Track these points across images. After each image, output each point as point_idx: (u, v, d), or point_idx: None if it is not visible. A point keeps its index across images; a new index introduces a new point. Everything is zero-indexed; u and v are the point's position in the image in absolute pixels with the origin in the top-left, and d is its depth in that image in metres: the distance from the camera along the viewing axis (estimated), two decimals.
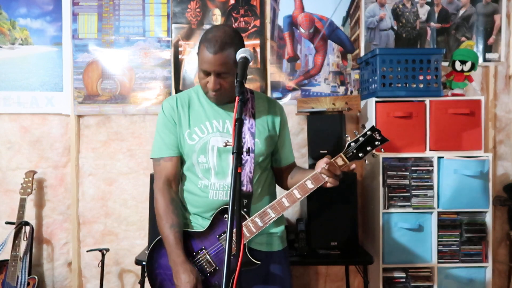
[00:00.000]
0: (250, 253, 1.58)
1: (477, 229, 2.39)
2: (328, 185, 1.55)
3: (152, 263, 1.66)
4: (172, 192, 1.65)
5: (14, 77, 2.76)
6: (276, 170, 1.79)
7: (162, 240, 1.60)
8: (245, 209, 1.58)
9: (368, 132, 1.53)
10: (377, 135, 1.53)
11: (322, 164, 1.53)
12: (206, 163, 1.61)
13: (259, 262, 1.57)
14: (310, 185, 1.56)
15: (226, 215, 1.58)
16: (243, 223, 1.56)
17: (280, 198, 1.57)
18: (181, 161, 1.68)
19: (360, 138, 1.53)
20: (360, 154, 1.53)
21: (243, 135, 1.59)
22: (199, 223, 1.66)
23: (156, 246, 1.66)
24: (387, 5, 2.77)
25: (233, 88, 1.48)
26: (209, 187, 1.61)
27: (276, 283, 1.68)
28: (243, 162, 1.59)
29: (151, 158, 1.68)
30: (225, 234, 1.59)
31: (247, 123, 1.63)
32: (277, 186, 1.82)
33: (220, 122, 1.63)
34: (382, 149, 1.56)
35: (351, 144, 1.54)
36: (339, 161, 1.53)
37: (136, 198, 2.80)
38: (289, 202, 1.57)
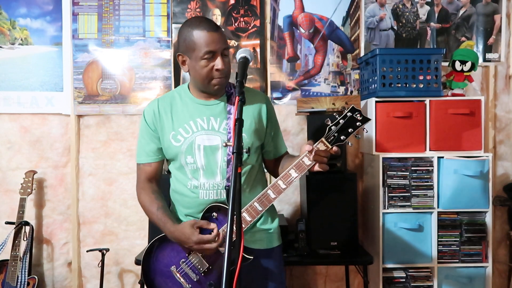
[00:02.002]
0: (244, 250, 1.56)
1: (477, 229, 2.39)
2: (316, 169, 1.50)
3: (148, 266, 1.66)
4: (153, 186, 1.70)
5: (14, 77, 2.76)
6: (269, 163, 1.77)
7: (155, 223, 1.62)
8: None
9: (348, 114, 1.47)
10: (357, 115, 1.47)
11: (304, 150, 1.49)
12: (194, 163, 1.60)
13: (251, 257, 1.55)
14: (294, 174, 1.51)
15: (214, 213, 1.58)
16: (230, 219, 1.54)
17: (266, 190, 1.54)
18: (168, 161, 1.70)
19: (340, 121, 1.47)
20: (342, 137, 1.48)
21: (229, 130, 1.58)
22: None
23: (150, 249, 1.66)
24: (387, 5, 2.77)
25: (229, 70, 1.58)
26: (199, 187, 1.60)
27: (270, 279, 1.68)
28: (229, 157, 1.58)
29: None
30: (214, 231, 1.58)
31: (233, 118, 1.61)
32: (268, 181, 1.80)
33: (205, 119, 1.61)
34: (365, 130, 1.51)
35: (332, 127, 1.48)
36: (321, 146, 1.48)
37: (136, 198, 2.78)
38: (275, 193, 1.53)
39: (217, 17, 2.75)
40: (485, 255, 2.40)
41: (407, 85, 2.40)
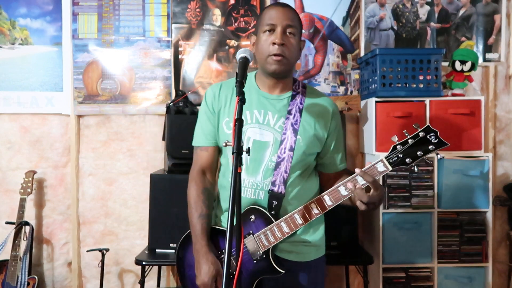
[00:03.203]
0: (276, 261, 1.49)
1: (477, 229, 2.38)
2: (358, 204, 1.33)
3: (182, 255, 1.62)
4: (206, 181, 1.60)
5: (14, 77, 2.76)
6: (324, 177, 1.65)
7: (190, 227, 1.55)
8: (273, 212, 1.49)
9: (420, 134, 1.29)
10: (432, 137, 1.29)
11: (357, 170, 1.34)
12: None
13: (283, 271, 1.47)
14: (344, 192, 1.40)
15: (252, 216, 1.51)
16: (269, 227, 1.47)
17: (310, 203, 1.45)
18: (219, 150, 1.63)
19: (409, 140, 1.30)
20: (407, 160, 1.30)
21: (284, 131, 1.51)
22: None
23: (183, 242, 1.62)
24: (387, 5, 2.77)
25: (295, 54, 1.47)
26: None
27: None
28: (279, 160, 1.50)
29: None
30: (249, 236, 1.50)
31: (292, 118, 1.51)
32: None
33: (262, 112, 1.52)
34: (439, 155, 1.30)
35: (397, 146, 1.30)
36: (380, 167, 1.32)
37: (136, 198, 2.80)
38: (318, 208, 1.43)
39: (217, 17, 2.75)
40: (485, 255, 2.40)
41: (407, 85, 2.39)
